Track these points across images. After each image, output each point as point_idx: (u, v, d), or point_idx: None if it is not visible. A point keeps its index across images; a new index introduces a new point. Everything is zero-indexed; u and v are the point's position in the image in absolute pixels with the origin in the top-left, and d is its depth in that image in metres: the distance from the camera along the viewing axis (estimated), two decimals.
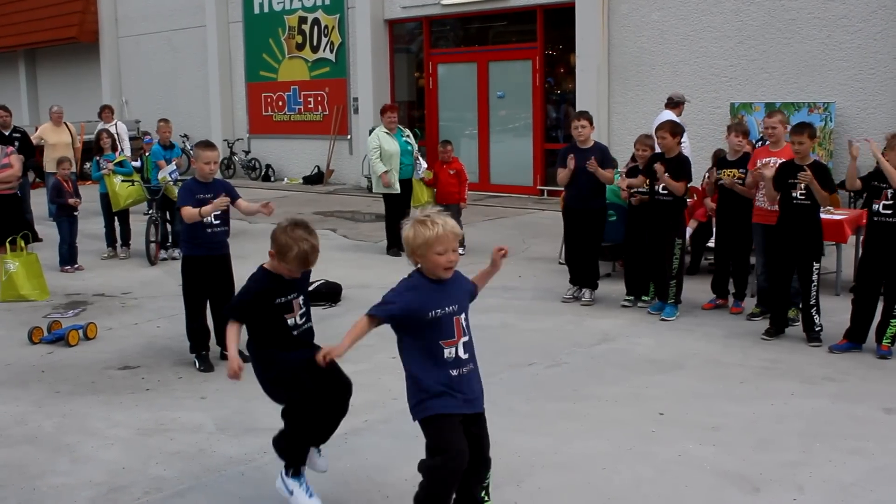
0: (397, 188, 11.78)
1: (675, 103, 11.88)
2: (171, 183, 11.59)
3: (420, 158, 12.10)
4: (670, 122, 8.72)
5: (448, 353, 3.90)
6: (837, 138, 13.56)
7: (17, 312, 9.08)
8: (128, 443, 5.61)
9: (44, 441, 5.67)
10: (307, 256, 4.25)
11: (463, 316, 3.98)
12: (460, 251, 11.93)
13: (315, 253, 4.30)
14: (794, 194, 7.47)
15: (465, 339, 3.97)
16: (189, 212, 6.93)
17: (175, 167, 11.89)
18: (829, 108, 13.61)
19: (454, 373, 3.91)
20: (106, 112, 16.23)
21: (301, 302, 4.41)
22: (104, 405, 6.32)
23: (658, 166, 8.18)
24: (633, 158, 9.07)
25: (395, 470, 5.07)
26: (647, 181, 8.47)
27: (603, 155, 8.95)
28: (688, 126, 12.27)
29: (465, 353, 3.96)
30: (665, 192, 8.29)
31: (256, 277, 4.38)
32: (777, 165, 7.81)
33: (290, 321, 4.37)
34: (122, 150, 14.47)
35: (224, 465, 5.23)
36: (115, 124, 15.77)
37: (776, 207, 7.81)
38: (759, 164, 8.17)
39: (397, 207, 11.95)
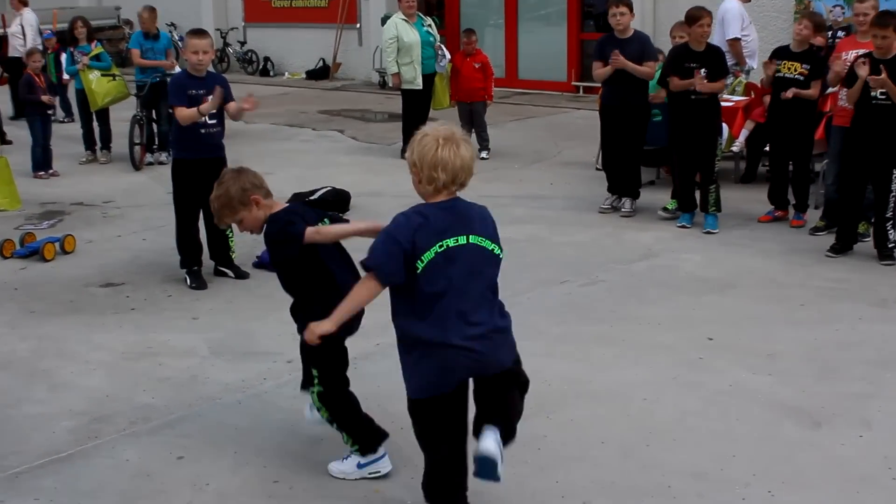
0: (419, 84, 11.63)
1: None
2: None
3: (443, 49, 11.92)
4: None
5: None
6: None
7: None
8: (112, 368, 5.64)
9: (18, 366, 5.71)
10: None
11: None
12: (484, 155, 11.80)
13: None
14: (872, 93, 7.28)
15: None
16: (185, 112, 6.85)
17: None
18: None
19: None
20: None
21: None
22: (85, 326, 6.35)
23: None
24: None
25: None
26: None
27: (644, 46, 8.77)
28: (749, 14, 11.93)
29: None
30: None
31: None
32: (853, 59, 7.59)
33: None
34: (26, 42, 14.31)
35: (219, 393, 5.26)
36: (23, 13, 15.29)
37: None
38: (843, 58, 7.94)
39: (418, 105, 11.82)
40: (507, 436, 3.73)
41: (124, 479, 4.37)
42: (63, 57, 13.07)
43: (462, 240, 3.59)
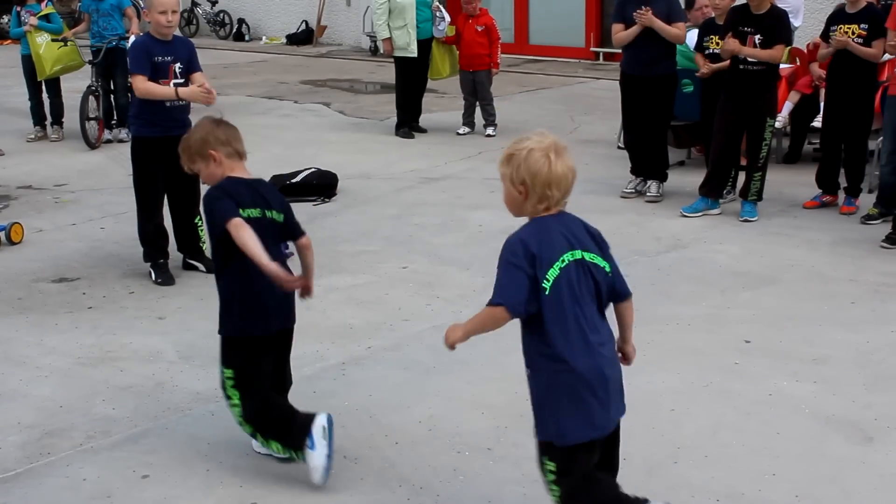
0: (414, 50, 11.64)
1: None
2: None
3: (442, 10, 11.92)
4: None
5: None
6: None
7: None
8: (66, 375, 5.65)
9: None
10: None
11: None
12: (490, 131, 11.69)
13: None
14: None
15: None
16: (149, 88, 6.82)
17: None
18: None
19: None
20: None
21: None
22: (35, 327, 6.35)
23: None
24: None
25: (405, 410, 5.10)
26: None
27: (670, 5, 8.77)
28: None
29: None
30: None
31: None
32: None
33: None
34: None
35: (188, 403, 5.28)
36: None
37: None
38: None
39: (413, 75, 11.83)
40: None
41: (80, 500, 4.38)
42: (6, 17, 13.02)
43: (577, 255, 3.82)
